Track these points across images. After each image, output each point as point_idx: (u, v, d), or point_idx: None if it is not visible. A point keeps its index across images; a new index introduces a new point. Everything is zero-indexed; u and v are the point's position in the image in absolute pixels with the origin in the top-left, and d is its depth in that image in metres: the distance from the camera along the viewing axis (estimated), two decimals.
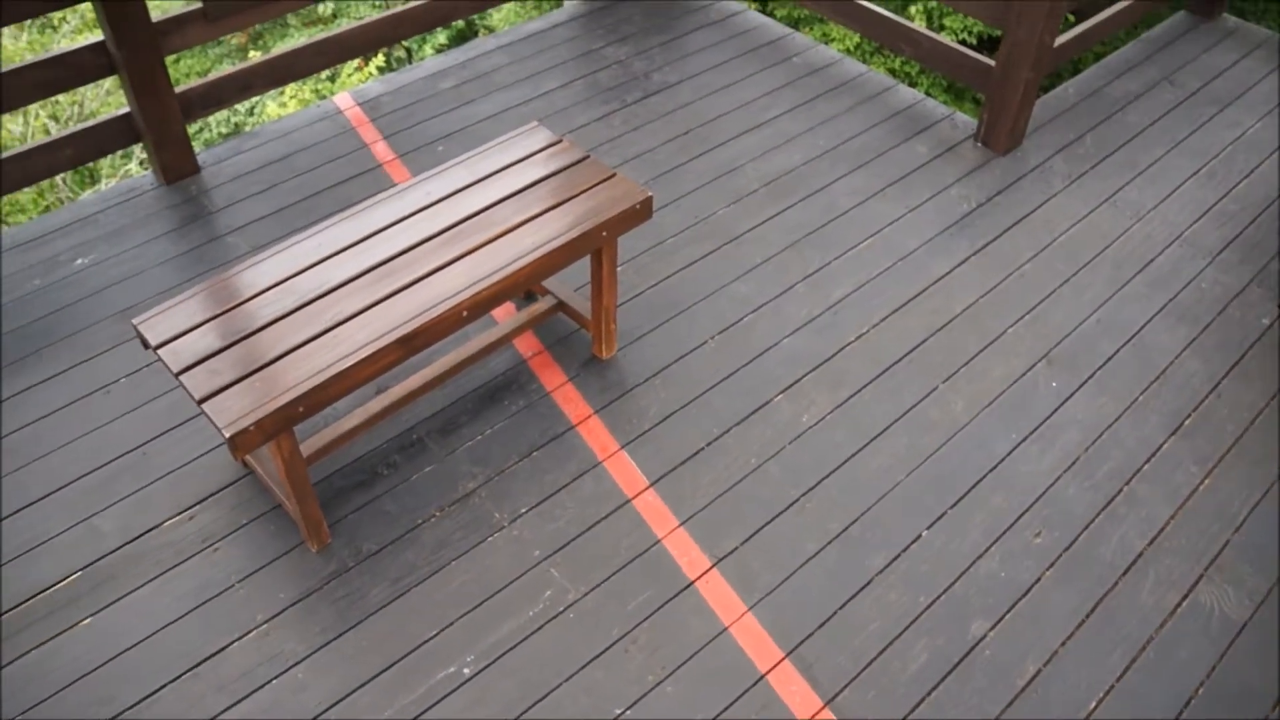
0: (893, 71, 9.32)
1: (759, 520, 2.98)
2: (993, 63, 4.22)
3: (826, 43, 7.49)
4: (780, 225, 3.95)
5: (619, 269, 3.73)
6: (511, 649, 2.68)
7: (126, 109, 4.02)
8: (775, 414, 3.27)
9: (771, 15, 8.49)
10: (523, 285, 2.87)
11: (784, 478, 3.09)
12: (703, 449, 3.17)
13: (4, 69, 3.67)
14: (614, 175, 3.14)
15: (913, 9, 9.24)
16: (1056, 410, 3.31)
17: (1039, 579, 2.86)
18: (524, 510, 3.00)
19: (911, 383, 3.37)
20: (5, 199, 8.77)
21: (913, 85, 8.90)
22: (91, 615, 2.77)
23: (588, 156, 3.22)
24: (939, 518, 3.00)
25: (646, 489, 3.05)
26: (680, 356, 3.44)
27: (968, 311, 3.62)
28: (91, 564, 2.89)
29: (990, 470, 3.12)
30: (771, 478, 3.09)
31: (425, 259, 2.87)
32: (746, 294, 3.67)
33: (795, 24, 9.56)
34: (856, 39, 9.24)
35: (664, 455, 3.15)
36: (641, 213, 3.08)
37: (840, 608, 2.78)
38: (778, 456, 3.15)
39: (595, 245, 3.01)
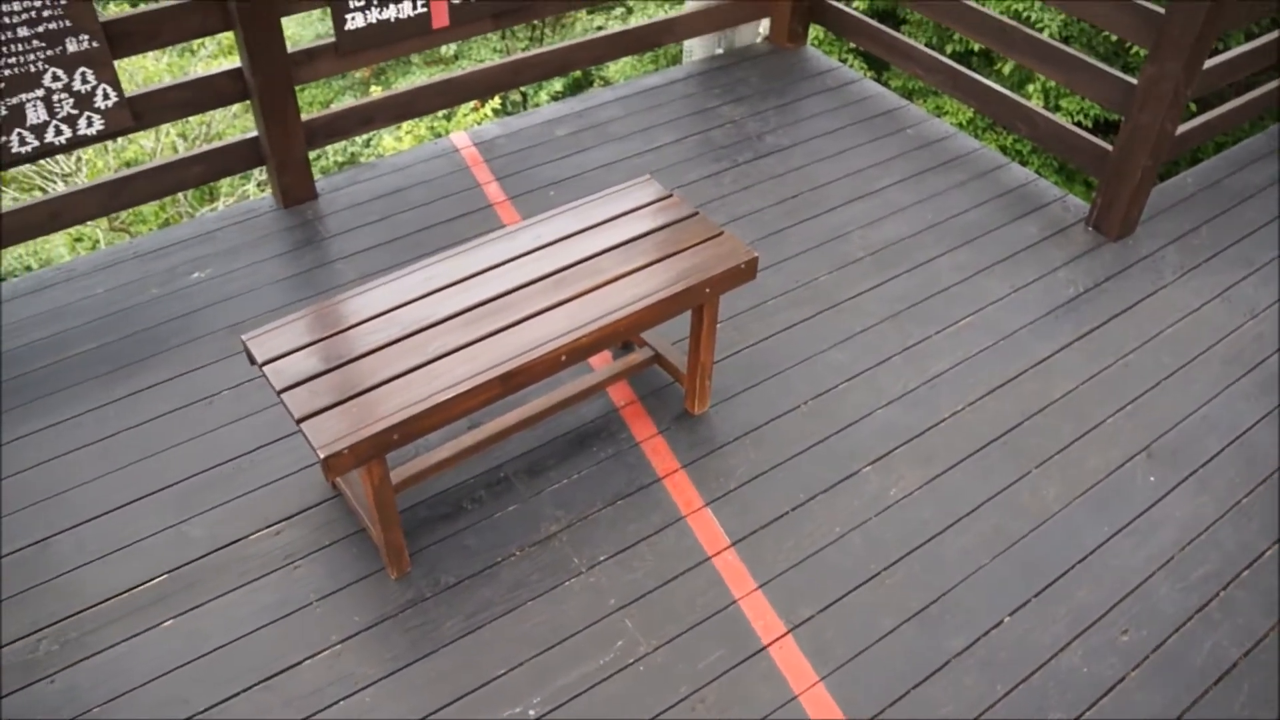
0: (1004, 149, 9.25)
1: (838, 590, 2.94)
2: (1110, 147, 4.17)
3: (940, 116, 7.46)
4: (882, 295, 3.93)
5: (718, 326, 3.73)
6: (579, 695, 2.68)
7: (254, 133, 4.17)
8: (863, 485, 3.24)
9: (886, 85, 8.51)
10: (622, 335, 2.90)
11: (866, 550, 3.05)
12: (787, 513, 3.14)
13: (147, 89, 3.85)
14: (721, 233, 3.17)
15: (1030, 87, 9.18)
16: (1153, 505, 3.22)
17: (1123, 679, 2.77)
18: (603, 558, 3.00)
19: (1004, 465, 3.31)
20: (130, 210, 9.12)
21: (1024, 164, 8.82)
22: (174, 618, 2.84)
23: (696, 213, 3.25)
24: (1022, 605, 2.93)
25: (727, 548, 3.04)
26: (772, 419, 3.43)
27: (1067, 397, 3.55)
28: (178, 568, 2.97)
29: (1079, 561, 3.04)
30: (854, 549, 3.05)
31: (529, 301, 2.91)
32: (843, 362, 3.65)
33: (909, 95, 9.56)
34: (970, 114, 9.20)
35: (747, 516, 3.13)
36: (746, 273, 3.09)
37: (914, 687, 2.72)
38: (862, 528, 3.11)
39: (697, 301, 3.03)
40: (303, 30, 11.74)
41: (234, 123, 10.42)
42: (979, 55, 9.81)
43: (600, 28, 11.38)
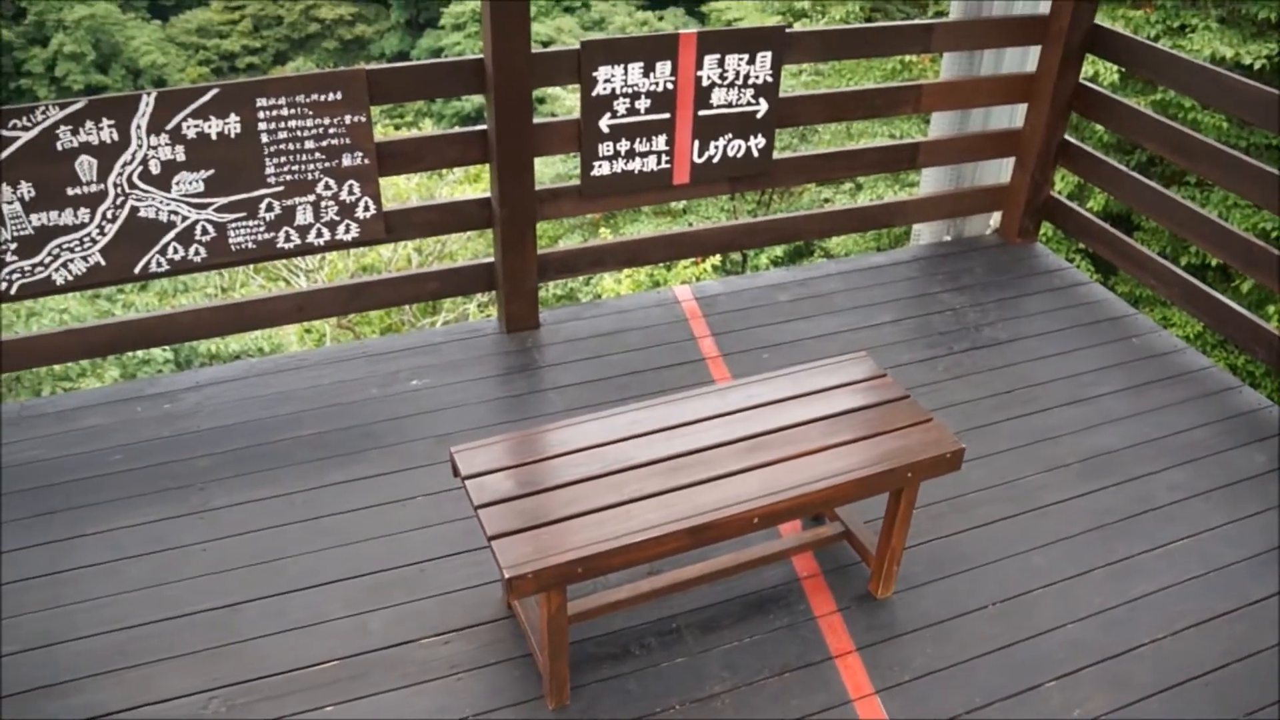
0: (1234, 369, 8.85)
1: None
2: None
3: (1167, 327, 7.24)
4: (1088, 505, 3.79)
5: (913, 512, 3.67)
6: None
7: (491, 259, 4.42)
8: (1044, 701, 3.07)
9: (1114, 290, 8.32)
10: (816, 507, 2.89)
11: None
12: (959, 717, 3.01)
13: (403, 206, 4.16)
14: (930, 419, 3.14)
15: (1270, 308, 8.79)
16: None
17: None
18: None
19: (1205, 707, 3.08)
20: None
21: (1256, 387, 8.39)
22: (336, 704, 2.93)
23: (907, 396, 3.24)
24: None
25: None
26: (956, 615, 3.32)
27: None
28: (351, 656, 3.08)
29: None
30: None
31: (729, 459, 2.95)
32: (1039, 567, 3.51)
33: (1137, 302, 9.31)
34: (1199, 328, 8.87)
35: (918, 712, 3.01)
36: (951, 462, 3.05)
37: None
38: None
39: (897, 485, 3.00)
40: (544, 169, 12.43)
41: (466, 244, 11.04)
42: (1216, 270, 9.50)
43: (828, 200, 11.61)
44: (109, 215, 3.68)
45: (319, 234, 3.97)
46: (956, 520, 3.69)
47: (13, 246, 3.62)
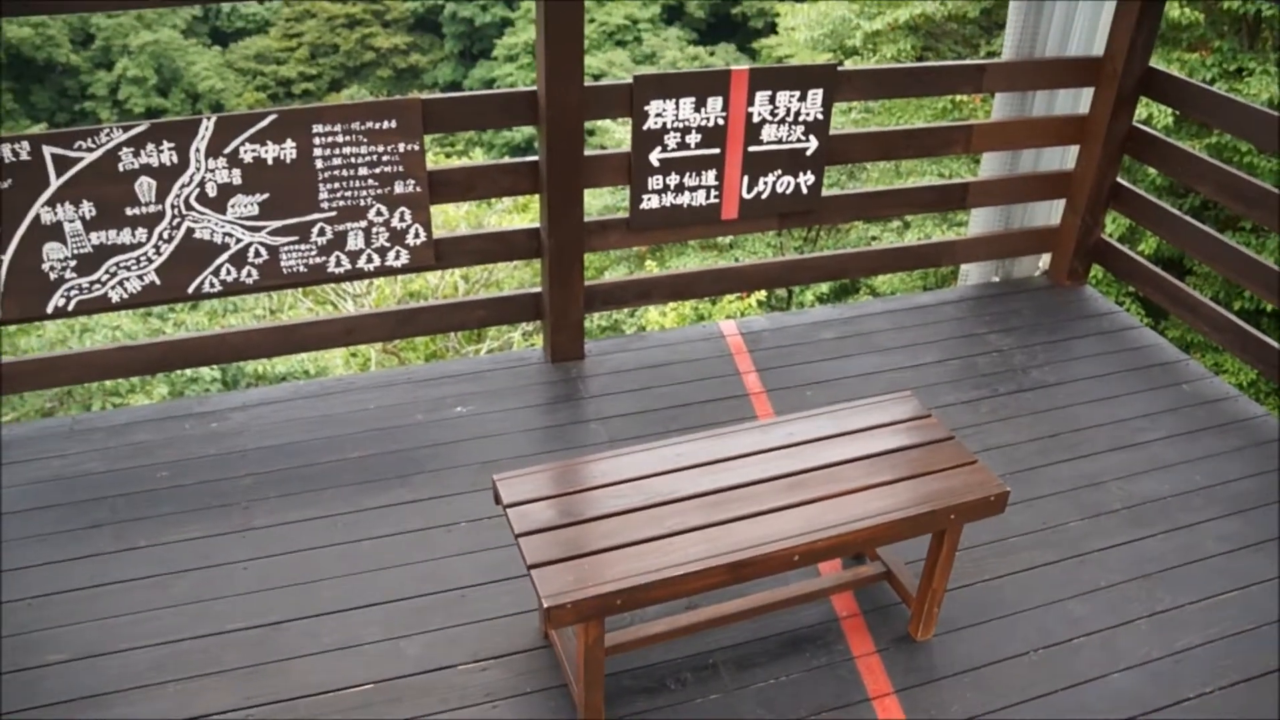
0: None
1: None
2: None
3: (1219, 374, 7.12)
4: (1133, 553, 3.73)
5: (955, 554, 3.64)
6: None
7: (538, 289, 4.45)
8: None
9: (1164, 334, 8.22)
10: (857, 546, 2.88)
11: None
12: None
13: (452, 234, 4.21)
14: (974, 461, 3.12)
15: None
16: None
17: None
18: None
19: None
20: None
21: None
22: None
23: (952, 437, 3.22)
24: None
25: None
26: (996, 661, 3.28)
27: None
28: (387, 680, 3.09)
29: None
30: None
31: (771, 496, 2.94)
32: (1081, 615, 3.46)
33: (1188, 348, 9.19)
34: (1252, 375, 8.74)
35: None
36: (994, 505, 3.02)
37: None
38: None
39: (939, 527, 2.98)
40: (591, 200, 12.51)
41: (513, 273, 11.12)
42: (1270, 316, 9.36)
43: (875, 238, 11.59)
44: (165, 235, 3.76)
45: (369, 259, 4.02)
46: (998, 564, 3.64)
47: (72, 264, 3.69)
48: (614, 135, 14.77)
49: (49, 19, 33.74)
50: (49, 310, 3.75)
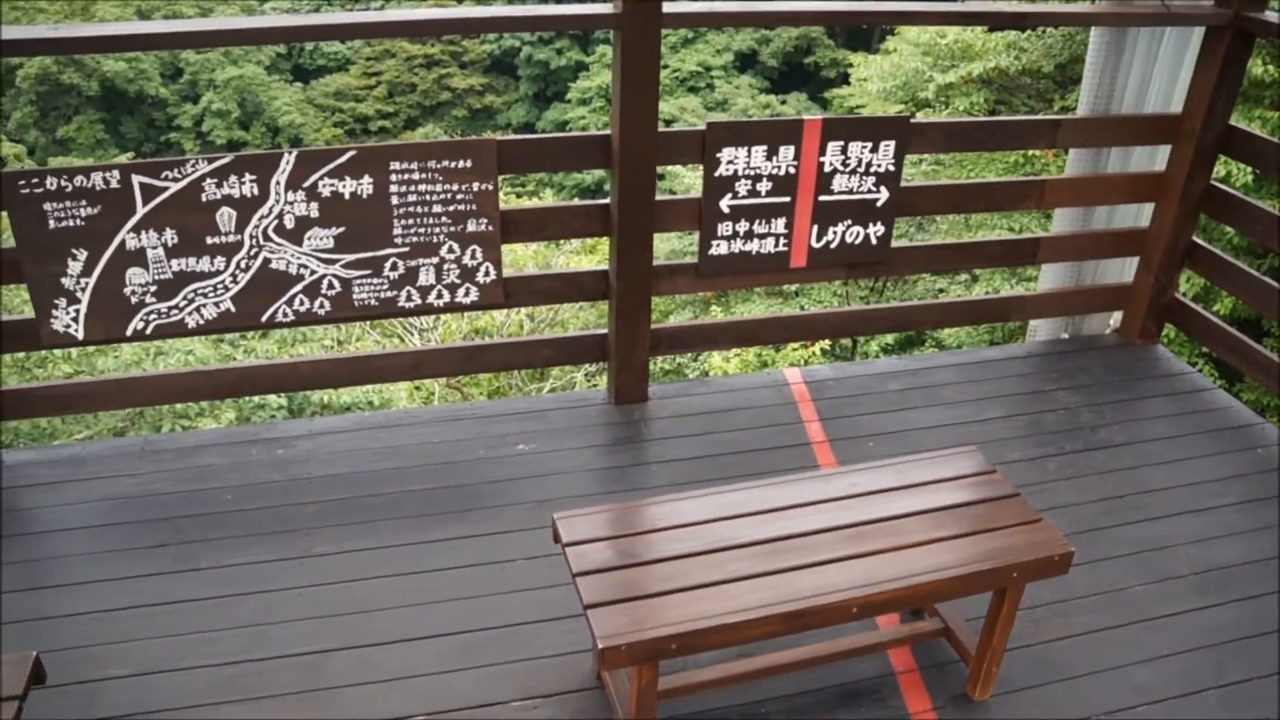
0: None
1: None
2: None
3: None
4: (1201, 622, 3.63)
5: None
6: None
7: (604, 330, 4.48)
8: None
9: (1238, 397, 8.04)
10: (916, 601, 2.84)
11: None
12: None
13: (522, 273, 4.26)
14: (1039, 520, 3.07)
15: None
16: None
17: None
18: None
19: None
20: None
21: None
22: None
23: (1017, 494, 3.18)
24: None
25: None
26: None
27: None
28: (437, 713, 3.10)
29: None
30: None
31: (830, 546, 2.92)
32: (1145, 683, 3.38)
33: (1263, 411, 8.97)
34: None
35: None
36: (1058, 565, 2.97)
37: None
38: None
39: (1000, 584, 2.93)
40: (657, 243, 12.57)
41: (578, 314, 11.19)
42: None
43: (942, 290, 11.50)
44: (242, 265, 3.85)
45: (439, 295, 4.07)
46: (1060, 626, 3.57)
47: (153, 289, 3.79)
48: (683, 180, 14.86)
49: (142, 54, 34.83)
50: (128, 333, 3.85)
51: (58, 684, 3.08)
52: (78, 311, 3.78)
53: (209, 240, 3.78)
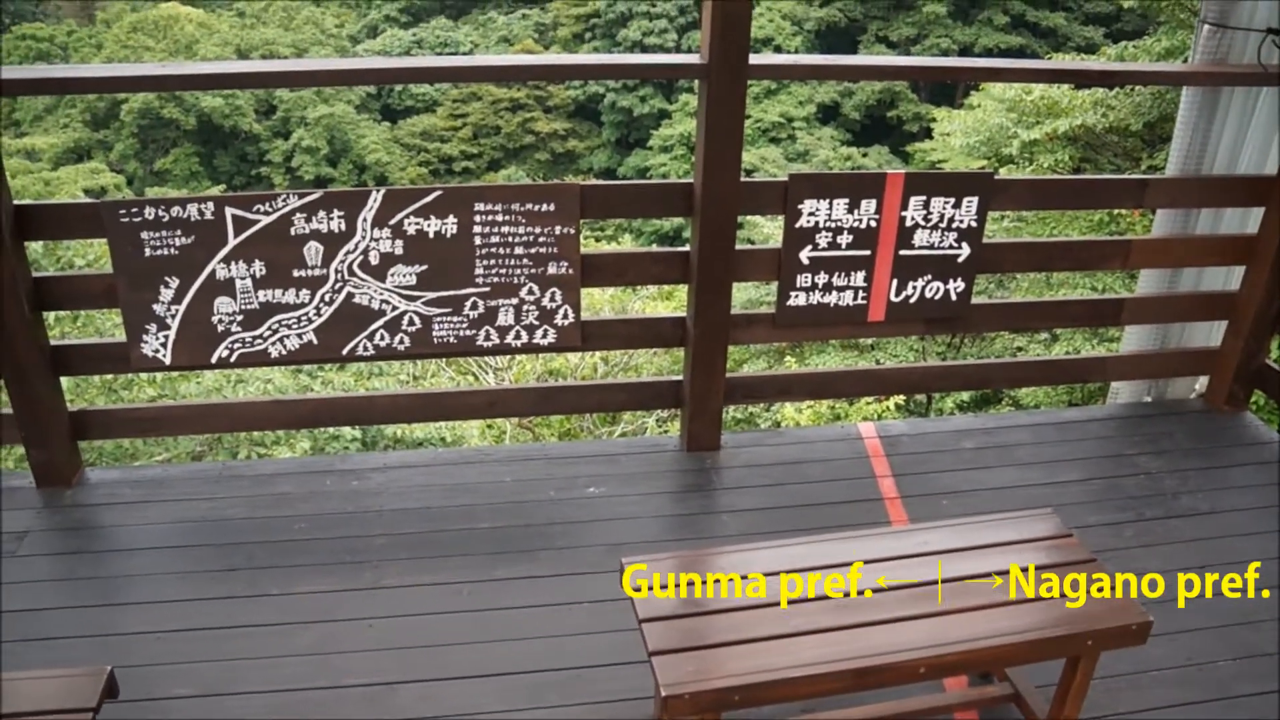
0: None
1: None
2: None
3: None
4: None
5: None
6: None
7: (679, 377, 4.49)
8: None
9: None
10: (986, 664, 2.78)
11: None
12: None
13: (600, 317, 4.29)
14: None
15: None
16: None
17: None
18: None
19: None
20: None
21: None
22: None
23: (1094, 559, 3.10)
24: None
25: None
26: None
27: None
28: None
29: None
30: None
31: (900, 604, 2.87)
32: None
33: None
34: None
35: None
36: (1136, 635, 2.89)
37: None
38: None
39: (1074, 652, 2.86)
40: (734, 292, 12.56)
41: (652, 359, 11.22)
42: None
43: (1021, 349, 11.34)
44: (326, 298, 3.93)
45: (517, 336, 4.12)
46: (1135, 699, 3.46)
47: (239, 318, 3.89)
48: (762, 229, 14.89)
49: (239, 91, 35.97)
50: (213, 360, 3.95)
51: (127, 699, 3.13)
52: (167, 337, 3.89)
53: (295, 273, 3.87)
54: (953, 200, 4.23)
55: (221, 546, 3.89)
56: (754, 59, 3.82)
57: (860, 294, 4.31)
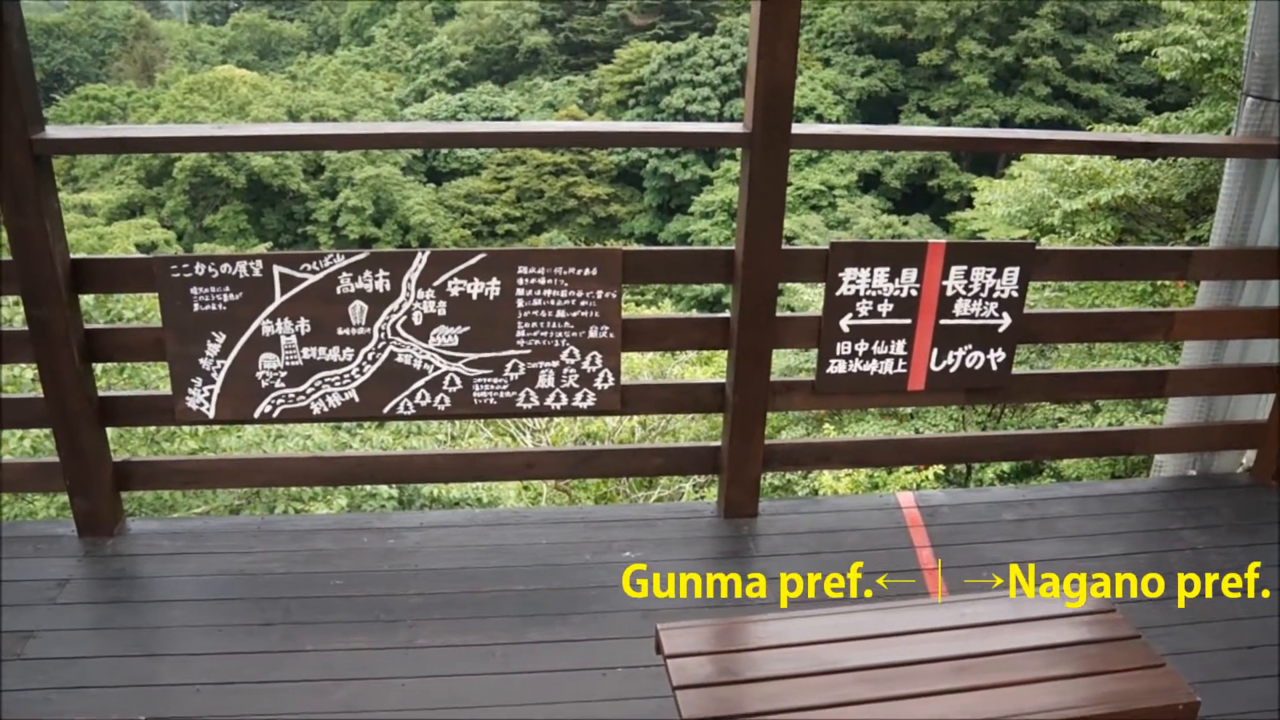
0: None
1: None
2: None
3: None
4: None
5: None
6: None
7: (717, 443, 4.48)
8: None
9: None
10: None
11: None
12: None
13: (639, 381, 4.31)
14: (1162, 665, 2.93)
15: None
16: None
17: None
18: None
19: None
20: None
21: None
22: None
23: (1139, 636, 3.05)
24: None
25: None
26: None
27: None
28: None
29: None
30: None
31: (938, 678, 2.83)
32: None
33: None
34: None
35: None
36: (1182, 715, 2.82)
37: None
38: None
39: None
40: (773, 358, 12.55)
41: (690, 424, 11.20)
42: None
43: (1062, 419, 11.22)
44: (369, 357, 3.97)
45: (557, 398, 4.14)
46: None
47: (283, 374, 3.94)
48: (801, 296, 14.93)
49: (288, 152, 36.69)
50: (256, 415, 4.00)
51: None
52: (211, 391, 3.95)
53: (340, 331, 3.93)
54: (994, 270, 4.23)
55: (259, 600, 3.91)
56: (796, 128, 3.86)
57: (900, 363, 4.30)
